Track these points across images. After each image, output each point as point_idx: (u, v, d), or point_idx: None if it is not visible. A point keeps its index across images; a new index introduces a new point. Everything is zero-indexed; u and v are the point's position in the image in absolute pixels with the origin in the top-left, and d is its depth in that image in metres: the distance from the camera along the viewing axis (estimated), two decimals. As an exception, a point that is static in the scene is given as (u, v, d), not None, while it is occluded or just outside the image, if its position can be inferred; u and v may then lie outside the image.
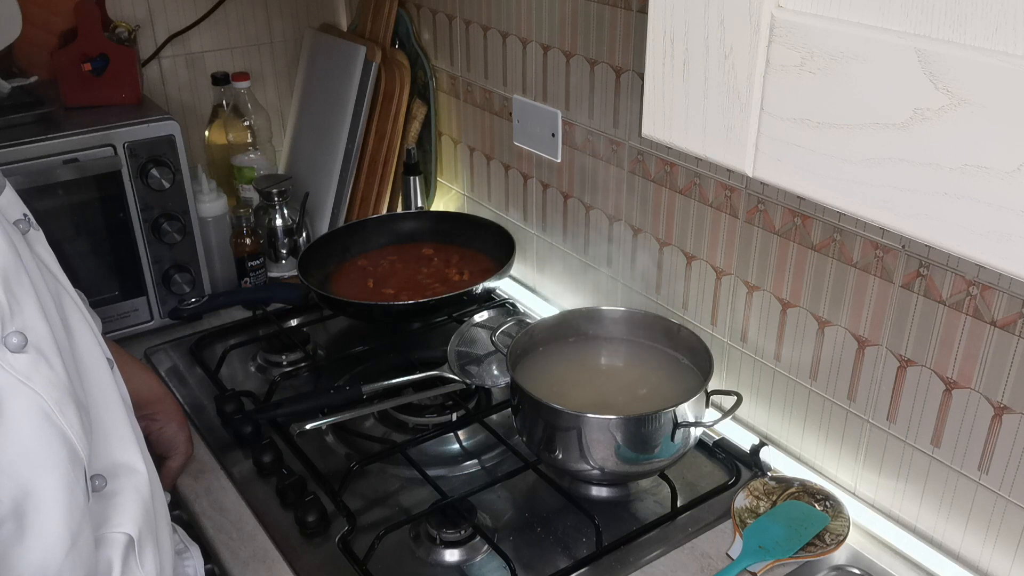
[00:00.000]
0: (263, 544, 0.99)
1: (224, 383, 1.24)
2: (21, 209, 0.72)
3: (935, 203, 0.44)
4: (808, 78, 0.48)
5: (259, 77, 1.65)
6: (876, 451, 0.99)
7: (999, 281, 0.82)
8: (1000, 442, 0.86)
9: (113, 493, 0.71)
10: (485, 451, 1.13)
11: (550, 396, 0.98)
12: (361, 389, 1.14)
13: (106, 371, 0.74)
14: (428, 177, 1.63)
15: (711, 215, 1.10)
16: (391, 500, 1.05)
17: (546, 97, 1.30)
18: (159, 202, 1.31)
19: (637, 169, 1.19)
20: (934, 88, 0.42)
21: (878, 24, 0.44)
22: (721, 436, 1.13)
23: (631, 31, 1.12)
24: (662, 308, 1.22)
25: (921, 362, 0.91)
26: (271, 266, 1.49)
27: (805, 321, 1.02)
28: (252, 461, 1.09)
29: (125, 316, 1.35)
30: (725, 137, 0.54)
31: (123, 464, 0.73)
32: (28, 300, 0.63)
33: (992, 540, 0.90)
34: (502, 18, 1.34)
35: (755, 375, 1.11)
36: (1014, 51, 0.39)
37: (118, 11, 1.48)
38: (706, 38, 0.53)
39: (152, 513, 0.74)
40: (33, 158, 1.20)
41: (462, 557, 0.96)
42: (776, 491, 1.02)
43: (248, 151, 1.56)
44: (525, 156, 1.39)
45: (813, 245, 0.98)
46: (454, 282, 1.37)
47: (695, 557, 0.96)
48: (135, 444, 0.75)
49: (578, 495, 1.04)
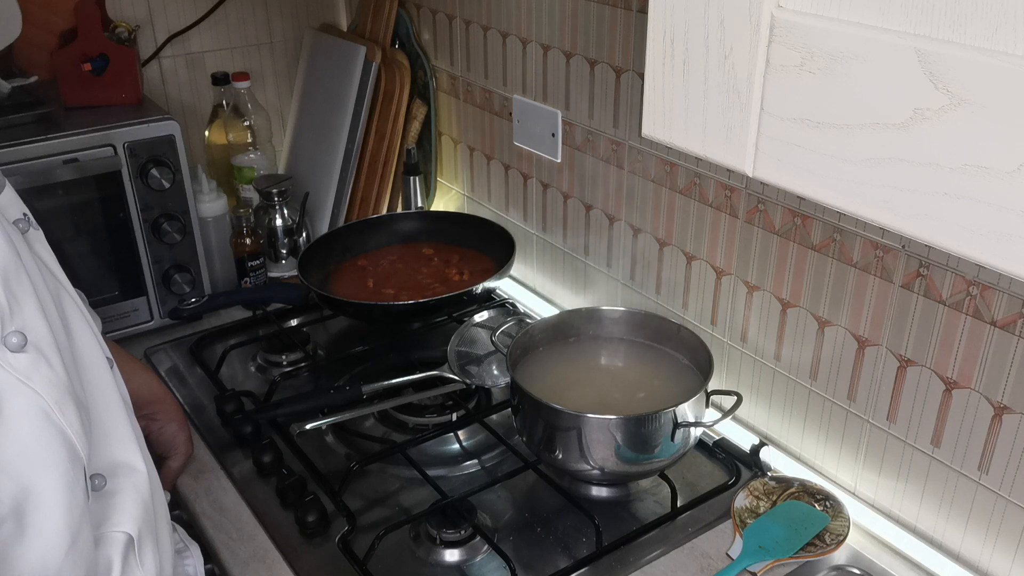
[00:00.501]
0: (263, 544, 0.99)
1: (224, 383, 1.24)
2: (21, 208, 0.72)
3: (935, 203, 0.44)
4: (808, 78, 0.48)
5: (259, 77, 1.65)
6: (876, 451, 0.99)
7: (999, 281, 0.82)
8: (1000, 442, 0.86)
9: (113, 492, 0.71)
10: (485, 451, 1.13)
11: (550, 396, 0.98)
12: (361, 389, 1.14)
13: (106, 370, 0.74)
14: (428, 177, 1.62)
15: (711, 215, 1.10)
16: (391, 500, 1.05)
17: (546, 97, 1.30)
18: (159, 202, 1.31)
19: (637, 169, 1.19)
20: (934, 88, 0.42)
21: (878, 24, 0.44)
22: (721, 436, 1.13)
23: (631, 31, 1.12)
24: (662, 308, 1.22)
25: (921, 362, 0.91)
26: (271, 266, 1.49)
27: (805, 321, 1.02)
28: (252, 461, 1.09)
29: (125, 316, 1.35)
30: (725, 137, 0.54)
31: (123, 463, 0.73)
32: (28, 299, 0.63)
33: (992, 540, 0.90)
34: (502, 18, 1.34)
35: (755, 375, 1.11)
36: (1014, 51, 0.39)
37: (118, 11, 1.48)
38: (706, 38, 0.53)
39: (152, 512, 0.74)
40: (33, 158, 1.20)
41: (462, 557, 0.96)
42: (776, 491, 1.02)
43: (248, 151, 1.56)
44: (525, 156, 1.39)
45: (813, 245, 0.98)
46: (454, 282, 1.37)
47: (695, 557, 0.96)
48: (135, 443, 0.75)
49: (578, 495, 1.04)
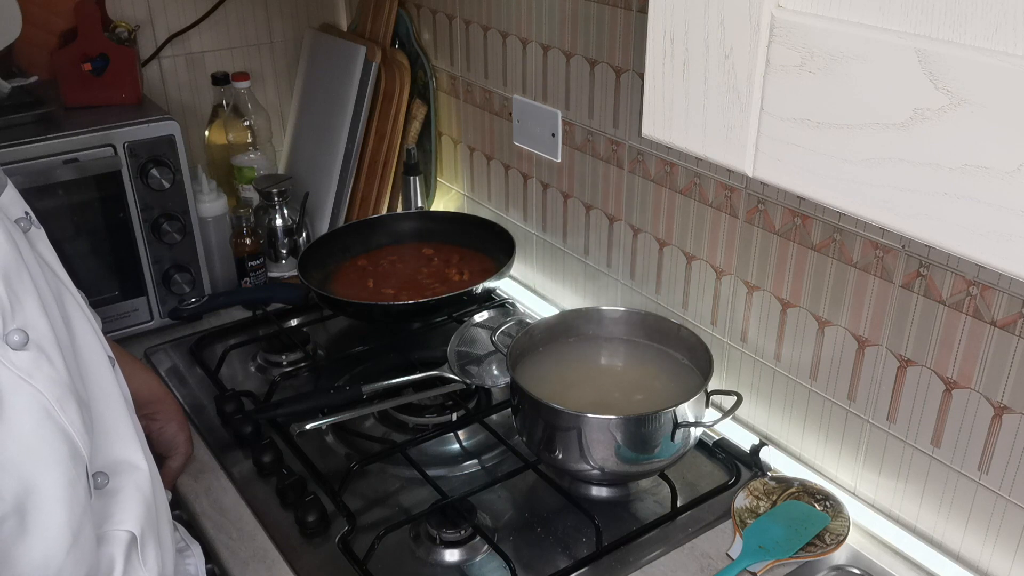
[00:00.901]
0: (263, 544, 0.99)
1: (224, 383, 1.24)
2: (23, 207, 0.72)
3: (935, 203, 0.44)
4: (808, 78, 0.48)
5: (259, 77, 1.65)
6: (876, 451, 0.99)
7: (999, 281, 0.82)
8: (1000, 442, 0.86)
9: (115, 490, 0.71)
10: (485, 451, 1.13)
11: (550, 396, 0.98)
12: (361, 389, 1.14)
13: (107, 369, 0.74)
14: (428, 177, 1.62)
15: (711, 215, 1.10)
16: (391, 500, 1.05)
17: (546, 97, 1.30)
18: (159, 202, 1.31)
19: (637, 169, 1.19)
20: (934, 88, 0.42)
21: (878, 24, 0.44)
22: (721, 436, 1.13)
23: (631, 31, 1.12)
24: (662, 308, 1.22)
25: (921, 362, 0.91)
26: (271, 266, 1.49)
27: (805, 321, 1.02)
28: (252, 461, 1.09)
29: (125, 316, 1.35)
30: (725, 137, 0.54)
31: (124, 461, 0.73)
32: (29, 298, 0.63)
33: (992, 540, 0.90)
34: (502, 18, 1.34)
35: (755, 375, 1.11)
36: (1014, 51, 0.39)
37: (118, 11, 1.47)
38: (706, 38, 0.53)
39: (154, 511, 0.74)
40: (33, 158, 1.20)
41: (462, 557, 0.96)
42: (776, 491, 1.02)
43: (248, 151, 1.56)
44: (525, 156, 1.39)
45: (813, 245, 0.98)
46: (454, 282, 1.37)
47: (695, 557, 0.96)
48: (136, 441, 0.75)
49: (578, 495, 1.04)
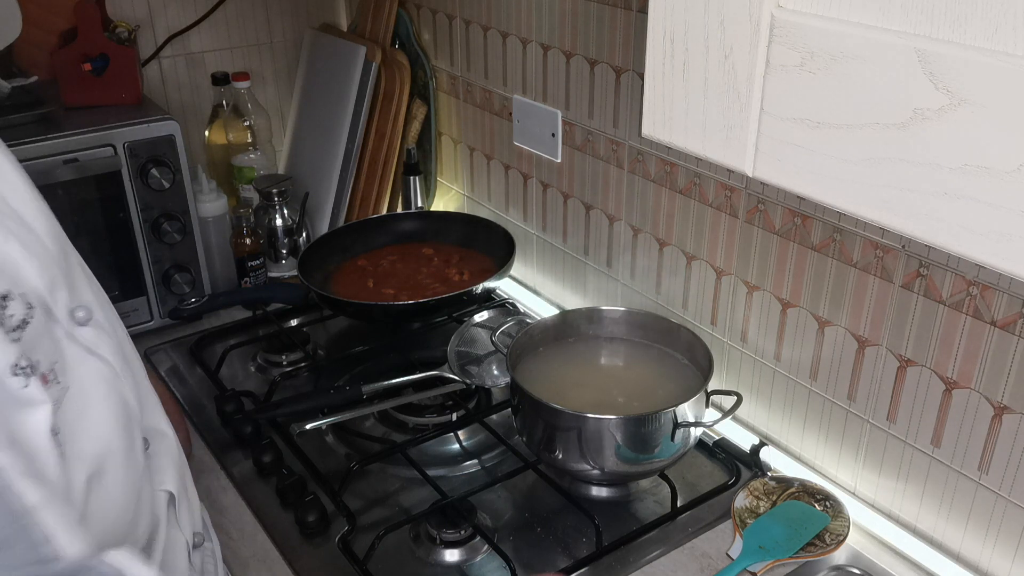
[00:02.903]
0: (263, 544, 0.99)
1: (224, 383, 1.24)
2: None
3: (935, 203, 0.44)
4: (808, 78, 0.48)
5: (259, 77, 1.65)
6: (876, 451, 0.99)
7: (999, 281, 0.82)
8: (1000, 442, 0.86)
9: (153, 454, 0.75)
10: (485, 451, 1.13)
11: (550, 396, 0.98)
12: (361, 389, 1.14)
13: (131, 342, 0.78)
14: (428, 177, 1.62)
15: (711, 215, 1.10)
16: (391, 500, 1.05)
17: (546, 97, 1.30)
18: (159, 202, 1.31)
19: (637, 169, 1.19)
20: (934, 88, 0.42)
21: (878, 24, 0.44)
22: (721, 436, 1.13)
23: (631, 31, 1.12)
24: (662, 308, 1.22)
25: (921, 362, 0.91)
26: (271, 266, 1.49)
27: (805, 321, 1.02)
28: (252, 461, 1.09)
29: (125, 316, 1.35)
30: (725, 137, 0.54)
31: (155, 428, 0.77)
32: (82, 275, 0.68)
33: (992, 540, 0.90)
34: (502, 18, 1.34)
35: (755, 375, 1.11)
36: (1014, 51, 0.39)
37: (118, 11, 1.48)
38: (706, 38, 0.53)
39: (183, 476, 0.78)
40: (33, 158, 1.20)
41: (462, 557, 0.96)
42: (776, 491, 1.02)
43: (248, 151, 1.56)
44: (525, 156, 1.39)
45: (813, 245, 0.98)
46: (454, 282, 1.37)
47: (695, 557, 0.96)
48: (161, 411, 0.79)
49: (578, 495, 1.04)
